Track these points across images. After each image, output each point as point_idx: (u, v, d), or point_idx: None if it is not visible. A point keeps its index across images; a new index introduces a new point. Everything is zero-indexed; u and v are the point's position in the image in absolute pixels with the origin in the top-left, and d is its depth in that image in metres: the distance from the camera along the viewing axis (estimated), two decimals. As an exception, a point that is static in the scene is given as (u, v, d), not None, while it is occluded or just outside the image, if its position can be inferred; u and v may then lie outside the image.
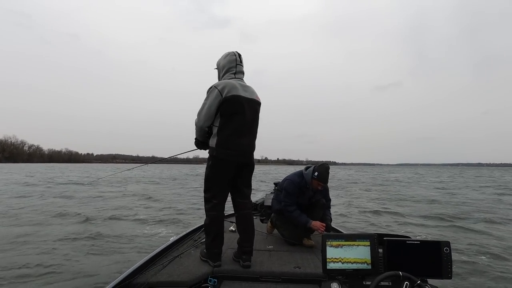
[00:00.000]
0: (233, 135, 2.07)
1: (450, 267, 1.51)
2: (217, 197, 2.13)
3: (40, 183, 18.58)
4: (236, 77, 2.19)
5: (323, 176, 2.77)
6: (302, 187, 2.88)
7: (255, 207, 4.27)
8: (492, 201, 11.88)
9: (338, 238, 1.64)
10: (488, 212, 8.75)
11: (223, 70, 2.23)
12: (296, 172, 3.00)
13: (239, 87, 2.10)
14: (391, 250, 1.57)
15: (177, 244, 2.67)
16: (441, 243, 1.54)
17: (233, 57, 2.21)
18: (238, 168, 2.14)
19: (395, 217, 7.91)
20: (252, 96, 2.17)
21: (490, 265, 3.98)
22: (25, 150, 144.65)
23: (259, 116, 2.26)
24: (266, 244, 2.70)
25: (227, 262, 2.18)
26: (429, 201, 11.49)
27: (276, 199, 3.10)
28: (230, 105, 2.05)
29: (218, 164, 2.09)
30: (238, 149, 2.09)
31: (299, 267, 2.13)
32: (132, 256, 4.22)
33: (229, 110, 2.06)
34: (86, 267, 3.81)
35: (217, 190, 2.14)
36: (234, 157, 2.08)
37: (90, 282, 3.33)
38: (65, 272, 3.63)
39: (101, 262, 4.00)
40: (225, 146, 2.06)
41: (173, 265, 2.14)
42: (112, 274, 3.49)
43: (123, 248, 4.67)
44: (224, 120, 2.07)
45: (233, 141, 2.07)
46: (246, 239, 2.19)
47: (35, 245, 4.72)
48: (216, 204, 2.13)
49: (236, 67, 2.20)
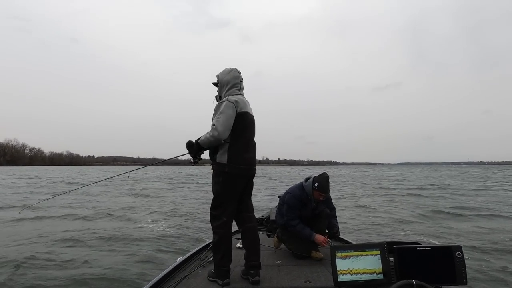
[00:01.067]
0: (242, 150, 2.14)
1: (464, 272, 1.49)
2: (227, 213, 2.15)
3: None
4: (239, 93, 2.27)
5: (324, 186, 2.75)
6: (303, 199, 2.86)
7: (260, 222, 4.24)
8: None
9: (347, 249, 1.62)
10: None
11: (228, 86, 2.25)
12: (297, 185, 2.99)
13: (247, 104, 2.23)
14: (402, 258, 1.55)
15: (184, 264, 2.64)
16: (453, 248, 1.52)
17: (237, 73, 2.27)
18: (246, 182, 2.22)
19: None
20: (252, 112, 2.29)
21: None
22: (27, 153, 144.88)
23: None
24: (274, 259, 2.67)
25: (236, 281, 2.16)
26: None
27: (279, 213, 3.09)
28: (241, 121, 2.13)
29: (230, 180, 2.12)
30: (247, 163, 2.16)
31: (310, 281, 2.10)
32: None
33: (240, 126, 2.13)
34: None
35: (227, 207, 2.15)
36: (246, 172, 2.15)
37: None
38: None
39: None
40: (237, 162, 2.11)
41: (181, 286, 2.11)
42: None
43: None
44: (235, 136, 2.12)
45: (242, 156, 2.14)
46: (253, 253, 2.18)
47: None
48: (226, 222, 2.14)
49: (240, 84, 2.29)
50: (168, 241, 5.52)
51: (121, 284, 3.58)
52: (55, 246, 5.15)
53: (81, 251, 4.88)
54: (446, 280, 1.49)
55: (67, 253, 4.69)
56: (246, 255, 2.19)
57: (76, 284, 3.54)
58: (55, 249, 4.97)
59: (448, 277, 1.49)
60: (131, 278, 3.71)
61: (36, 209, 8.04)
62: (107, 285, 3.56)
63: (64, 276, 3.70)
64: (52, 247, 5.11)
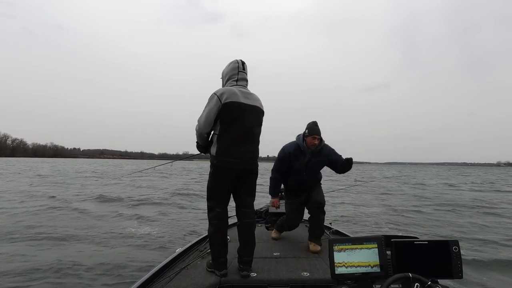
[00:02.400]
0: (233, 143, 2.06)
1: (460, 266, 1.49)
2: (220, 205, 2.11)
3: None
4: (238, 84, 2.18)
5: (313, 129, 2.76)
6: (295, 152, 2.84)
7: (259, 214, 4.22)
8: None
9: (345, 242, 1.60)
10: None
11: (226, 78, 2.23)
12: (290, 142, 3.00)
13: (239, 93, 2.10)
14: (399, 251, 1.54)
15: (183, 255, 2.61)
16: (450, 242, 1.52)
17: (236, 64, 2.20)
18: (240, 176, 2.12)
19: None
20: (254, 103, 2.16)
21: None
22: (8, 144, 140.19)
23: (261, 123, 2.25)
24: (272, 252, 2.66)
25: (234, 272, 2.15)
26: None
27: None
28: (229, 111, 2.04)
29: (219, 172, 2.08)
30: (239, 156, 2.07)
31: (307, 273, 2.10)
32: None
33: (228, 116, 2.05)
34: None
35: (219, 199, 2.12)
36: (235, 165, 2.06)
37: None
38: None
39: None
40: (225, 154, 2.05)
41: (180, 277, 2.09)
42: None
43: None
44: (224, 127, 2.07)
45: (233, 148, 2.05)
46: (245, 249, 2.16)
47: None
48: (219, 213, 2.10)
49: (238, 74, 2.19)
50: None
51: (122, 271, 3.59)
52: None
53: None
54: (442, 273, 1.49)
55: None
56: (239, 249, 2.19)
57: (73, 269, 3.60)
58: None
59: (444, 271, 1.50)
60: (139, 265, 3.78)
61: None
62: (108, 273, 3.54)
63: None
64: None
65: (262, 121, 2.26)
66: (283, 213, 3.66)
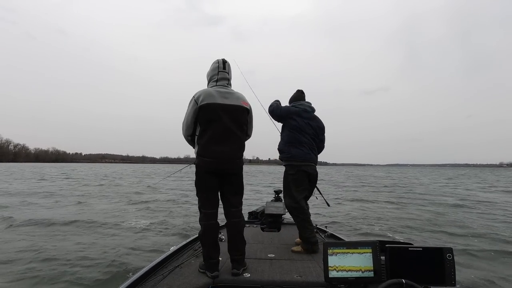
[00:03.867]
0: (210, 143, 2.07)
1: (453, 274, 1.50)
2: (206, 206, 2.12)
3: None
4: (218, 85, 2.18)
5: (297, 96, 2.92)
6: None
7: (255, 215, 4.20)
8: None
9: (340, 246, 1.63)
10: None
11: (208, 79, 2.25)
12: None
13: (216, 94, 2.09)
14: (394, 257, 1.56)
15: (177, 254, 2.61)
16: (444, 250, 1.54)
17: (216, 64, 2.21)
18: (221, 176, 2.12)
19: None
20: (233, 102, 2.13)
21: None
22: (11, 150, 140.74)
23: (244, 121, 2.20)
24: (267, 253, 2.65)
25: (227, 272, 2.14)
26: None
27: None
28: (205, 113, 2.06)
29: (199, 173, 2.10)
30: (216, 156, 2.07)
31: (301, 275, 2.10)
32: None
33: (205, 118, 2.07)
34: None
35: (204, 199, 2.13)
36: (213, 165, 2.07)
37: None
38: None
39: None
40: (203, 154, 2.07)
41: (173, 275, 2.09)
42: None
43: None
44: (202, 129, 2.10)
45: (210, 149, 2.07)
46: (233, 248, 2.17)
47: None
48: (206, 213, 2.11)
49: (218, 74, 2.19)
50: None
51: (115, 269, 3.61)
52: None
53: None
54: (435, 280, 1.50)
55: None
56: (228, 249, 2.20)
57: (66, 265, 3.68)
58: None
59: (437, 278, 1.51)
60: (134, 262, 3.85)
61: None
62: (101, 271, 3.55)
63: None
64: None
65: (245, 119, 2.21)
66: (280, 215, 3.67)
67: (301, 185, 2.75)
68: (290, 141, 2.78)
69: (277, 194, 4.22)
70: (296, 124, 2.78)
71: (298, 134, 2.77)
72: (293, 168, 2.75)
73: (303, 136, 2.77)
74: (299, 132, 2.77)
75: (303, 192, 2.77)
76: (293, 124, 2.79)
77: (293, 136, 2.78)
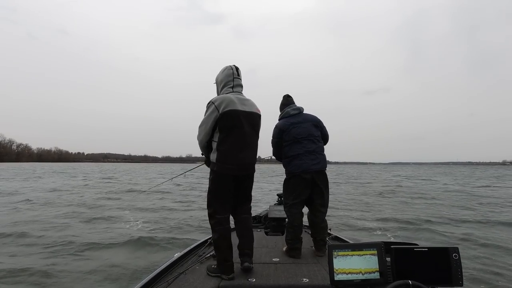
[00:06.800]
0: (232, 150, 2.09)
1: (460, 274, 1.48)
2: (220, 211, 2.13)
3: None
4: (234, 91, 2.19)
5: (285, 102, 2.88)
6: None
7: (259, 219, 4.19)
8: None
9: (345, 248, 1.61)
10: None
11: (221, 85, 2.24)
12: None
13: (237, 101, 2.12)
14: (399, 258, 1.54)
15: (182, 260, 2.60)
16: (450, 249, 1.52)
17: (230, 71, 2.21)
18: (238, 181, 2.17)
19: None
20: (251, 109, 2.18)
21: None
22: (13, 149, 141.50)
23: (259, 128, 2.29)
24: (271, 257, 2.64)
25: (238, 276, 2.14)
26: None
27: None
28: (227, 119, 2.07)
29: (219, 178, 2.11)
30: (239, 163, 2.11)
31: (306, 279, 2.09)
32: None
33: (227, 125, 2.08)
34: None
35: (219, 204, 2.14)
36: (235, 172, 2.10)
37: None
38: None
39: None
40: (225, 161, 2.08)
41: (178, 282, 2.08)
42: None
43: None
44: (223, 135, 2.09)
45: (233, 155, 2.09)
46: (244, 242, 2.21)
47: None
48: (221, 219, 2.13)
49: (233, 81, 2.20)
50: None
51: (120, 276, 3.62)
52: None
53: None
54: (442, 281, 1.48)
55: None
56: (238, 244, 2.22)
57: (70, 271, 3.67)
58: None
59: (444, 278, 1.49)
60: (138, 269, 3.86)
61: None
62: (105, 278, 3.56)
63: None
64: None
65: (259, 126, 2.29)
66: (283, 218, 3.64)
67: (293, 192, 2.74)
68: (287, 155, 2.77)
69: (280, 198, 4.20)
70: (289, 138, 2.75)
71: (294, 145, 2.73)
72: (288, 175, 2.81)
73: (298, 143, 2.72)
74: (295, 143, 2.73)
75: (297, 198, 2.73)
76: (287, 140, 2.76)
77: (289, 149, 2.76)
